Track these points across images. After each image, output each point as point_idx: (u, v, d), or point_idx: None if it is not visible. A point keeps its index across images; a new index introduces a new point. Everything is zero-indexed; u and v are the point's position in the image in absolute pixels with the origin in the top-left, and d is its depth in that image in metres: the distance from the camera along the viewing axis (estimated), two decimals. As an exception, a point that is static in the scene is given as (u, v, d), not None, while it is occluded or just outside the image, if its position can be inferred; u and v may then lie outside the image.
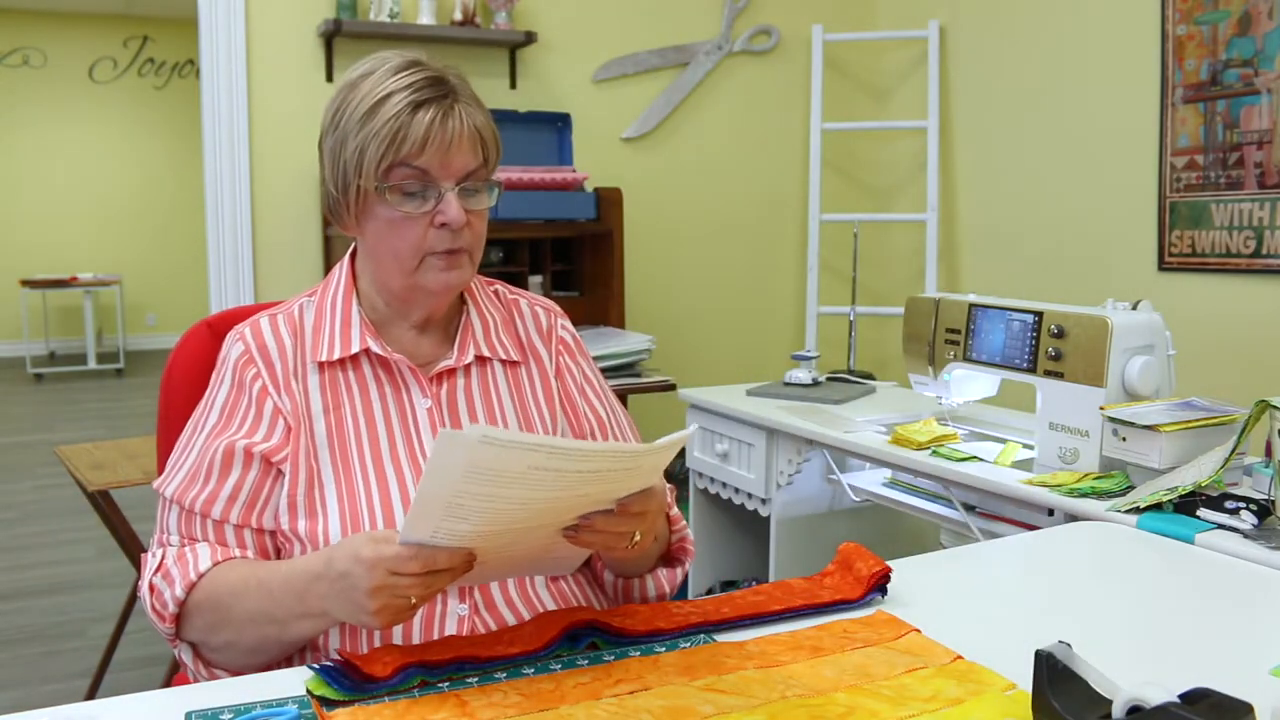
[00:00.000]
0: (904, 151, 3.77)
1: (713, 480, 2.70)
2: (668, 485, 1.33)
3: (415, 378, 1.21)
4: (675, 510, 1.29)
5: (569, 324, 1.35)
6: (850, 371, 3.18)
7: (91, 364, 8.62)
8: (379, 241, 1.18)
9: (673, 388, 2.95)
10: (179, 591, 1.11)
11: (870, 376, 3.06)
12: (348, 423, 1.18)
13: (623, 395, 2.87)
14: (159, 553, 1.17)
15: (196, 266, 9.24)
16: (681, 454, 3.00)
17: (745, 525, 2.78)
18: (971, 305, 2.06)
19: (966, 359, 2.07)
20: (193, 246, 9.60)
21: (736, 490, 2.60)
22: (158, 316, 10.06)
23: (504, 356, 1.25)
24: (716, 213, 3.74)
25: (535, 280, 3.20)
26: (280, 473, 1.16)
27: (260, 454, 1.15)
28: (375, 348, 1.20)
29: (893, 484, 2.23)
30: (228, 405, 1.19)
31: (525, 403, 1.26)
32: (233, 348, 1.21)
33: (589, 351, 1.37)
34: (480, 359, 1.24)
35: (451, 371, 1.22)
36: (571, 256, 3.35)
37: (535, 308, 1.33)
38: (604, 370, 2.86)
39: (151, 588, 1.14)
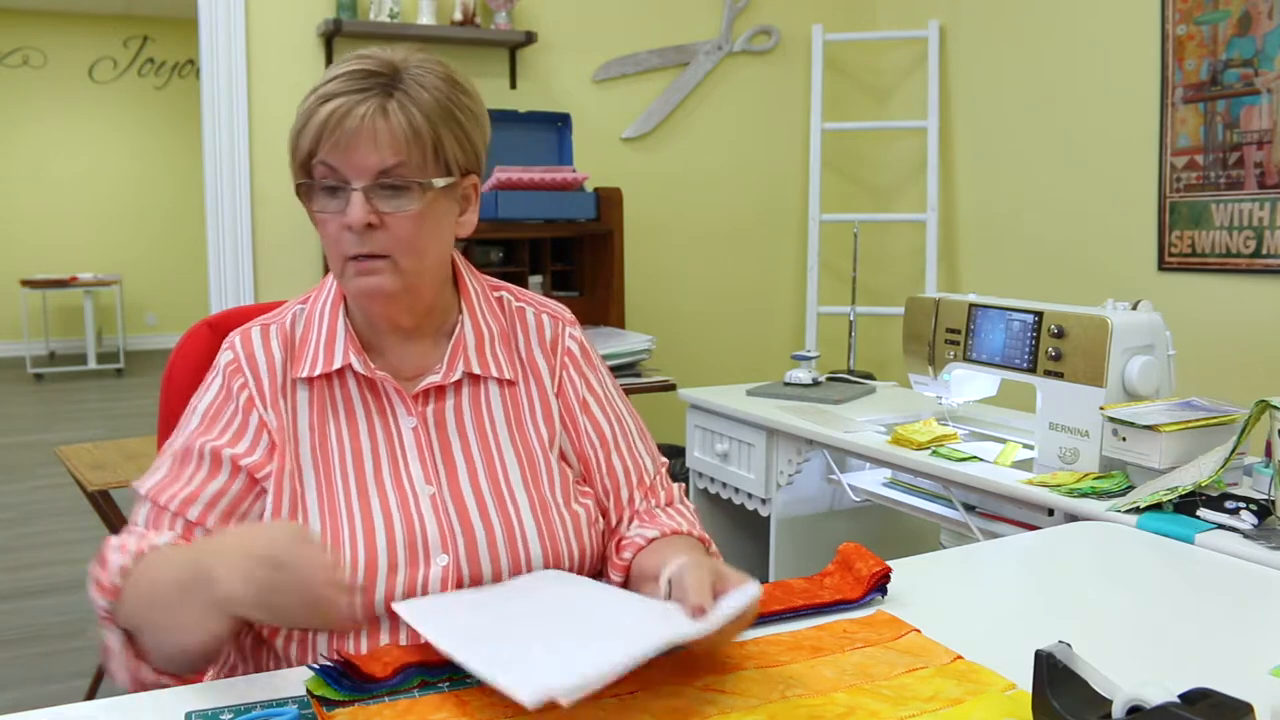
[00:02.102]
0: (904, 151, 3.76)
1: (712, 480, 2.69)
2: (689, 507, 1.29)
3: (400, 396, 1.15)
4: (703, 531, 1.25)
5: (578, 331, 1.27)
6: (850, 371, 3.18)
7: (91, 364, 8.62)
8: (325, 243, 1.13)
9: (673, 388, 2.95)
10: (125, 559, 1.04)
11: (870, 376, 3.06)
12: (332, 443, 1.13)
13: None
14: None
15: (196, 266, 9.24)
16: (681, 454, 3.00)
17: (745, 525, 2.79)
18: (971, 305, 2.06)
19: (966, 359, 2.07)
20: (193, 246, 9.60)
21: (736, 490, 2.59)
22: (158, 316, 10.06)
23: (495, 374, 1.18)
24: (716, 213, 3.74)
25: (535, 280, 3.20)
26: (263, 490, 1.12)
27: (246, 467, 1.11)
28: (358, 365, 1.14)
29: (893, 484, 2.23)
30: (212, 410, 1.15)
31: (523, 423, 1.19)
32: (224, 354, 1.18)
33: (596, 350, 1.30)
34: (472, 376, 1.18)
35: (440, 389, 1.17)
36: (571, 256, 3.34)
37: (542, 316, 1.25)
38: (604, 370, 2.85)
39: (102, 560, 1.06)
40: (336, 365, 1.14)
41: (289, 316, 1.19)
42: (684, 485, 1.35)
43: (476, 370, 1.17)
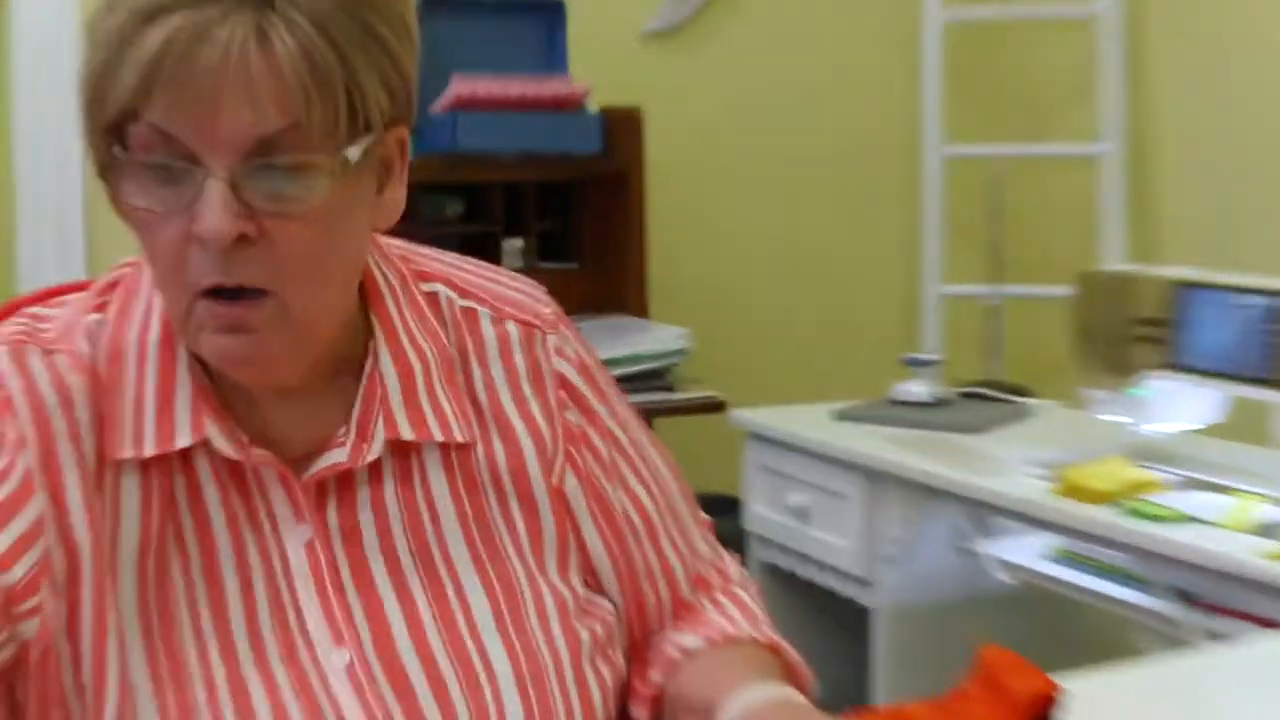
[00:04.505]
0: (1069, 51, 3.74)
1: (783, 549, 2.69)
2: (745, 576, 1.28)
3: (284, 489, 1.03)
4: (772, 633, 1.21)
5: (570, 340, 1.16)
6: (992, 384, 3.16)
7: None
8: (149, 259, 0.98)
9: (721, 407, 2.95)
10: None
11: (1023, 391, 3.05)
12: (174, 576, 1.00)
13: (644, 418, 2.86)
14: None
15: None
16: (735, 510, 2.98)
17: (833, 619, 2.75)
18: (1179, 284, 2.07)
19: (1172, 365, 2.07)
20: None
21: (820, 565, 2.58)
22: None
23: (439, 436, 1.06)
24: (782, 145, 3.72)
25: (513, 245, 3.19)
26: (17, 643, 0.94)
27: None
28: (220, 441, 1.01)
29: (1062, 558, 2.23)
30: None
31: (487, 517, 1.09)
32: None
33: (603, 365, 1.21)
34: (399, 445, 1.06)
35: (348, 474, 1.05)
36: (567, 209, 3.34)
37: (505, 324, 1.13)
38: (620, 380, 2.83)
39: None
40: (184, 441, 1.00)
41: (81, 333, 1.03)
42: (741, 556, 1.32)
43: (407, 434, 1.05)
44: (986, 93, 3.91)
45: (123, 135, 0.92)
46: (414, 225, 3.12)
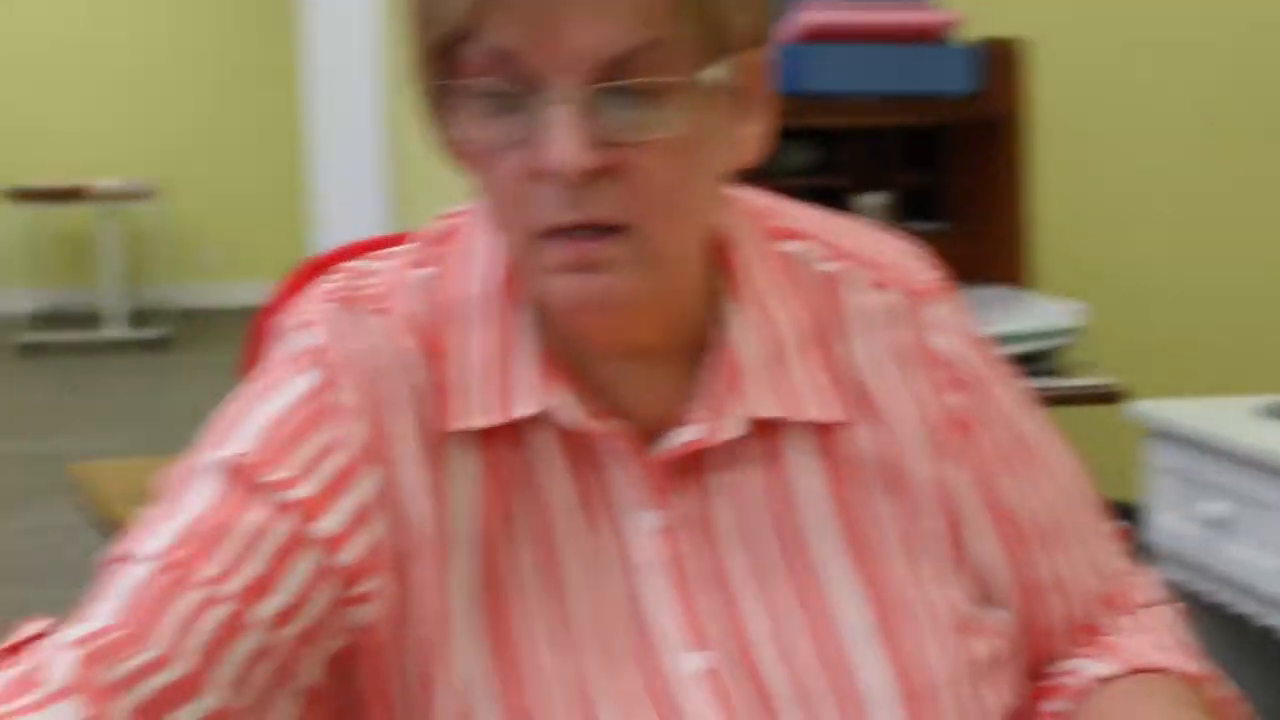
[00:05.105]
0: None
1: (1194, 568, 2.68)
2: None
3: (633, 468, 1.06)
4: (1200, 665, 1.18)
5: (956, 314, 1.17)
6: None
7: (113, 329, 9.06)
8: (485, 198, 1.03)
9: (1119, 398, 2.92)
10: None
11: None
12: (511, 560, 1.06)
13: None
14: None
15: (286, 173, 9.50)
16: (1134, 517, 2.94)
17: (1254, 652, 2.77)
18: None
19: None
20: (279, 139, 9.90)
21: (1239, 588, 2.58)
22: (223, 253, 10.51)
23: (811, 414, 1.08)
24: (1195, 82, 3.63)
25: (871, 202, 3.15)
26: (351, 627, 1.01)
27: (337, 570, 1.00)
28: (568, 410, 1.04)
29: None
30: (290, 425, 1.03)
31: (863, 520, 1.10)
32: (303, 336, 1.07)
33: (991, 342, 1.20)
34: (758, 424, 1.08)
35: (700, 455, 1.08)
36: (933, 160, 3.32)
37: (880, 290, 1.14)
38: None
39: None
40: (527, 409, 1.04)
41: (410, 290, 1.10)
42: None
43: (769, 411, 1.07)
44: None
45: (452, 59, 0.96)
46: (753, 177, 3.11)
